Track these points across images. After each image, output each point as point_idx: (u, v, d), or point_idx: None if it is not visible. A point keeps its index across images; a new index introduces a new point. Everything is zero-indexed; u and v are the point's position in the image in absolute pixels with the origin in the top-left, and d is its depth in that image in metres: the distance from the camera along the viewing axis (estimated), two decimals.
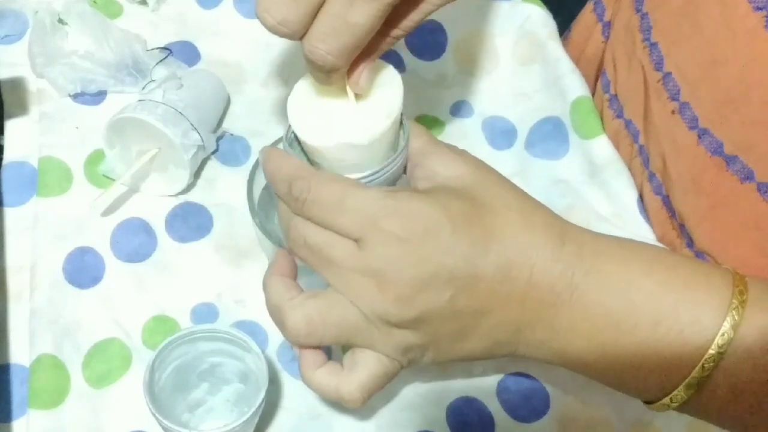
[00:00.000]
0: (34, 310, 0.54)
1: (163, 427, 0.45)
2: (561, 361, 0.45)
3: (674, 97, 0.56)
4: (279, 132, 0.55)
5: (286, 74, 0.68)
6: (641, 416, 0.54)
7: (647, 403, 0.45)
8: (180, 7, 0.70)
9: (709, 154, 0.53)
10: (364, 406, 0.44)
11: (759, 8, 0.48)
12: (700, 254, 0.57)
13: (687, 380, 0.42)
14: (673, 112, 0.56)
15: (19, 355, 0.53)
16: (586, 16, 0.72)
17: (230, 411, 0.51)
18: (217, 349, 0.49)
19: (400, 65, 0.70)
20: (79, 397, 0.51)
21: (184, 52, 0.68)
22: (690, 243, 0.58)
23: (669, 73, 0.56)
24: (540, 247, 0.42)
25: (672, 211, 0.60)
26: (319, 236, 0.42)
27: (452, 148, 0.45)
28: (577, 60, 0.69)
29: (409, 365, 0.45)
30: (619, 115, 0.65)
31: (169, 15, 0.70)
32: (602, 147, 0.64)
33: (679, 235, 0.59)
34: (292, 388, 0.53)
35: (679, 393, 0.42)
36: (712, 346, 0.41)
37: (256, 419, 0.47)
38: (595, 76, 0.70)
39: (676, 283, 0.43)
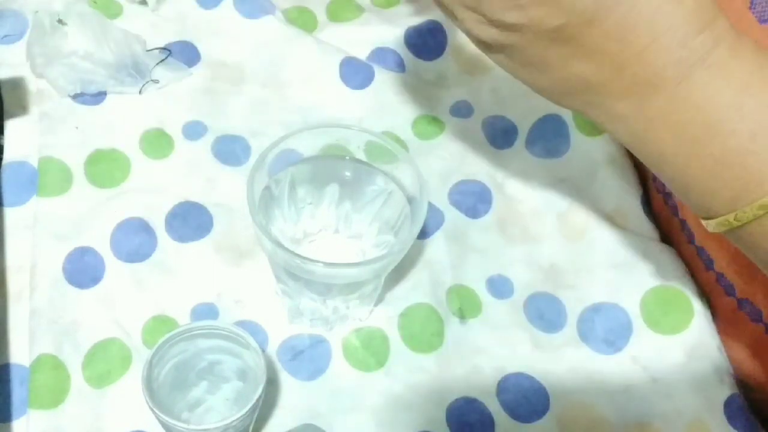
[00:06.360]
0: (34, 310, 0.54)
1: (161, 422, 0.45)
2: (631, 143, 0.42)
3: None
4: (279, 132, 0.55)
5: (286, 74, 0.68)
6: (641, 416, 0.54)
7: (704, 218, 0.42)
8: (180, 7, 0.71)
9: None
10: None
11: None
12: (700, 249, 0.57)
13: (764, 199, 0.38)
14: None
15: (19, 355, 0.53)
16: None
17: (230, 410, 0.51)
18: (215, 346, 0.49)
19: (400, 65, 0.70)
20: (79, 397, 0.51)
21: (184, 52, 0.68)
22: (691, 239, 0.58)
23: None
24: (672, 26, 0.38)
25: (674, 208, 0.60)
26: None
27: None
28: None
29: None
30: None
31: (169, 15, 0.70)
32: (604, 145, 0.64)
33: (681, 230, 0.59)
34: (291, 388, 0.53)
35: (750, 210, 0.39)
36: None
37: (255, 415, 0.47)
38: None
39: None
